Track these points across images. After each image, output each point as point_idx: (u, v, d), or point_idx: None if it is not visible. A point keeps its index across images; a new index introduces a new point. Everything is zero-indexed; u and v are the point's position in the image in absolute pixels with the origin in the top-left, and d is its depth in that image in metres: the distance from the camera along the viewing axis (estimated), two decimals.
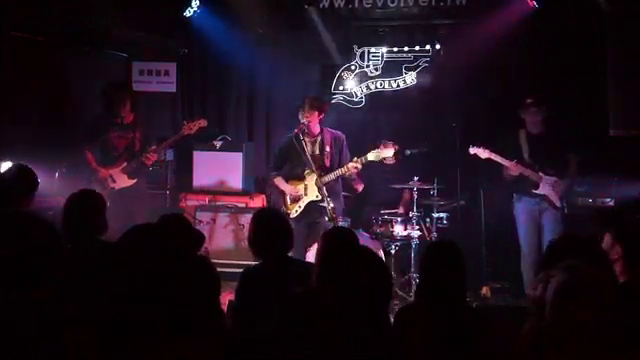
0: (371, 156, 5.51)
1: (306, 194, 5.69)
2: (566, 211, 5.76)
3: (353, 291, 2.03)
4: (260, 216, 3.75)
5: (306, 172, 5.68)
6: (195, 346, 2.01)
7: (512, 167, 5.67)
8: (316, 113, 5.64)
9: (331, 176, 5.58)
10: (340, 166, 5.66)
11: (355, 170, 5.56)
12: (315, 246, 5.73)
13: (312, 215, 5.65)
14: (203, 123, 5.90)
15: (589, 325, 1.94)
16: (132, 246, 2.21)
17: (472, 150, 5.83)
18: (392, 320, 3.02)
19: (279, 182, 5.79)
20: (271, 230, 3.55)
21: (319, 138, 5.72)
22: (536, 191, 5.76)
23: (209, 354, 2.04)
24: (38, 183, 4.21)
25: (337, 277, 2.10)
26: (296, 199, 5.70)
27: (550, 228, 5.67)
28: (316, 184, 5.61)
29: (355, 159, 5.56)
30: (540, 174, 5.74)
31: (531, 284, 5.55)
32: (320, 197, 5.58)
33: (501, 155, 5.72)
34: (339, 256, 2.23)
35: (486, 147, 5.76)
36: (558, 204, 5.76)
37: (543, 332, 2.03)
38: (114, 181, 5.78)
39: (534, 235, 5.82)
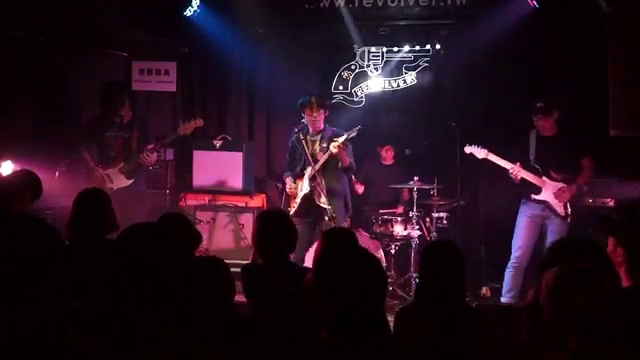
0: (341, 138, 5.46)
1: (301, 189, 5.71)
2: (569, 220, 5.49)
3: (343, 292, 2.03)
4: (267, 217, 3.75)
5: (306, 169, 5.71)
6: (197, 346, 2.01)
7: (512, 170, 5.45)
8: (322, 111, 5.70)
9: (320, 162, 5.56)
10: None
11: (337, 150, 5.44)
12: (313, 248, 5.77)
13: (312, 215, 5.63)
14: (199, 123, 5.88)
15: (588, 322, 1.94)
16: (131, 244, 2.21)
17: (467, 149, 5.64)
18: (392, 320, 3.04)
19: (287, 181, 5.85)
20: (278, 232, 3.55)
21: (320, 136, 5.74)
22: (536, 197, 5.52)
23: (211, 354, 2.04)
24: (42, 192, 4.24)
25: (329, 277, 2.10)
26: (292, 196, 5.75)
27: (553, 238, 5.13)
28: (309, 177, 5.64)
29: (333, 140, 5.50)
30: (544, 179, 5.50)
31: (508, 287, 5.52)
32: (309, 189, 5.60)
33: (503, 156, 5.53)
34: (333, 256, 2.23)
35: (484, 147, 5.61)
36: (561, 211, 5.47)
37: (542, 330, 2.03)
38: (111, 181, 5.76)
39: (531, 241, 5.57)
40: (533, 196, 5.54)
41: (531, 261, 5.61)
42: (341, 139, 5.46)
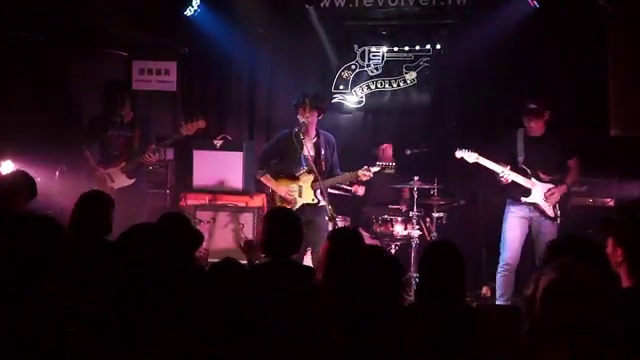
0: (375, 169, 5.52)
1: (300, 196, 5.58)
2: (559, 221, 5.46)
3: (356, 291, 2.02)
4: (277, 215, 3.74)
5: (301, 173, 5.60)
6: (197, 346, 2.01)
7: (503, 173, 5.39)
8: (316, 113, 5.58)
9: (336, 180, 5.53)
10: (331, 169, 5.62)
11: (365, 178, 5.50)
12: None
13: (306, 214, 5.55)
14: (202, 124, 5.85)
15: (583, 324, 1.94)
16: (131, 245, 2.21)
17: (458, 154, 5.55)
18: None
19: (268, 181, 5.67)
20: (287, 230, 3.55)
21: (315, 140, 5.66)
22: (526, 199, 5.47)
23: (211, 354, 2.04)
24: (37, 192, 4.25)
25: (337, 278, 2.10)
26: (289, 201, 5.57)
27: (543, 240, 5.20)
28: (312, 187, 5.55)
29: (366, 167, 5.51)
30: (533, 180, 5.46)
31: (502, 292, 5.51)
32: (316, 200, 5.54)
33: (493, 159, 5.47)
34: (344, 256, 2.23)
35: (475, 150, 5.52)
36: (551, 213, 5.44)
37: (536, 331, 2.03)
38: (112, 180, 5.76)
39: (519, 243, 5.54)
40: (523, 199, 5.50)
41: (521, 262, 5.60)
42: (374, 169, 5.47)
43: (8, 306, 2.09)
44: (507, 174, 5.43)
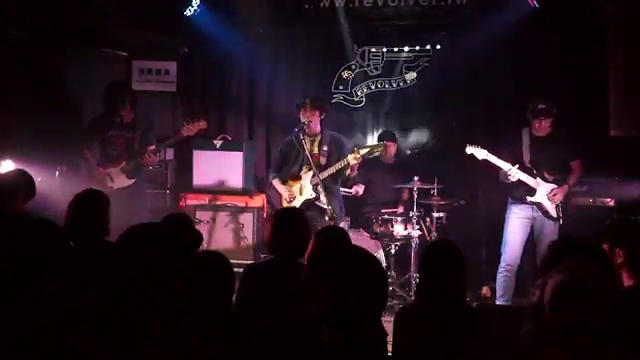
0: (363, 150, 5.46)
1: (301, 193, 5.66)
2: (561, 221, 5.48)
3: (339, 293, 2.01)
4: (284, 215, 3.74)
5: (302, 171, 5.67)
6: (197, 346, 2.01)
7: (510, 171, 5.40)
8: (317, 113, 5.65)
9: (330, 170, 5.54)
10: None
11: (355, 162, 5.47)
12: None
13: (310, 217, 5.60)
14: (203, 125, 5.84)
15: (587, 325, 1.94)
16: (131, 245, 2.20)
17: (469, 150, 5.56)
18: (392, 320, 3.04)
19: (276, 184, 5.82)
20: (293, 230, 3.53)
21: (319, 137, 5.72)
22: (531, 198, 5.48)
23: (211, 354, 2.04)
24: (35, 191, 4.24)
25: (324, 277, 2.08)
26: (291, 200, 5.68)
27: (546, 241, 5.13)
28: (311, 182, 5.61)
29: (355, 149, 5.48)
30: (538, 180, 5.48)
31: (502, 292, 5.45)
32: (314, 195, 5.58)
33: (501, 157, 5.49)
34: (326, 256, 2.21)
35: (484, 147, 5.54)
36: (554, 213, 5.46)
37: (542, 332, 2.03)
38: (112, 180, 5.76)
39: (521, 243, 5.55)
40: (529, 198, 5.51)
41: (521, 262, 5.60)
42: (363, 151, 5.43)
43: (8, 306, 2.09)
44: (515, 172, 5.43)
